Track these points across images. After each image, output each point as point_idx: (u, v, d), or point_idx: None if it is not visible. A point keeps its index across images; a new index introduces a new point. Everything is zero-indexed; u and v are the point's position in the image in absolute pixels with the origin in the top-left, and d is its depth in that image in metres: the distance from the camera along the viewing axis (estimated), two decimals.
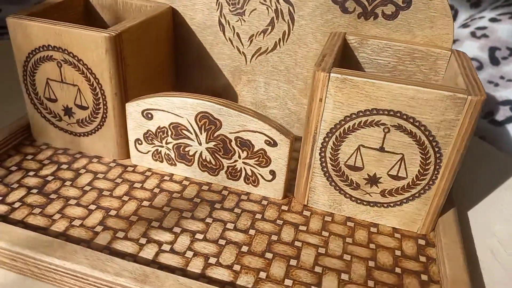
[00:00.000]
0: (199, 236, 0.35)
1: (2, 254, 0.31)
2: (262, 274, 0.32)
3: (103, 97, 0.39)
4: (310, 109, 0.34)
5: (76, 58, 0.38)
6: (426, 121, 0.31)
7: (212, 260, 0.33)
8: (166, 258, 0.32)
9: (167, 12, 0.44)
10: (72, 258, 0.30)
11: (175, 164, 0.41)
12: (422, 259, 0.34)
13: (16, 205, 0.36)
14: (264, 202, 0.39)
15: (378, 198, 0.36)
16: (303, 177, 0.38)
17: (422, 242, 0.36)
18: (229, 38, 0.46)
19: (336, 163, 0.36)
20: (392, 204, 0.36)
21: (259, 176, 0.39)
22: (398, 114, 0.32)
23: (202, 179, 0.41)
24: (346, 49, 0.40)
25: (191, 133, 0.39)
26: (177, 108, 0.38)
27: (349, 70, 0.32)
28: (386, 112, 0.32)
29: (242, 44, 0.46)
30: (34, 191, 0.38)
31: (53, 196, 0.37)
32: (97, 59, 0.37)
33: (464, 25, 0.68)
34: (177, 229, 0.35)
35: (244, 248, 0.34)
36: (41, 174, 0.40)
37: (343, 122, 0.33)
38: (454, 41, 0.60)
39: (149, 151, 0.41)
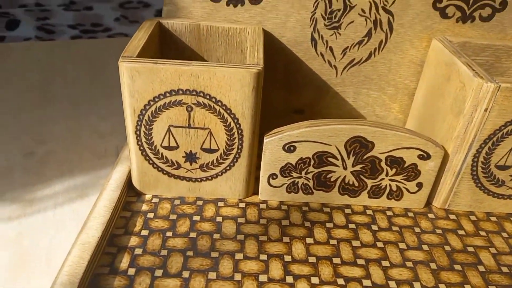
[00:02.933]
0: (385, 263, 0.34)
1: None
2: (467, 287, 0.33)
3: (240, 136, 0.36)
4: (471, 119, 0.35)
5: (213, 99, 0.34)
6: None
7: (417, 285, 0.33)
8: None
9: (263, 34, 0.41)
10: None
11: (312, 193, 0.39)
12: None
13: (185, 274, 0.32)
14: (411, 214, 0.40)
15: None
16: (448, 183, 0.39)
17: None
18: (321, 53, 0.45)
19: (487, 166, 0.37)
20: None
21: (404, 190, 0.39)
22: None
23: (340, 202, 0.40)
24: None
25: (337, 159, 0.37)
26: (327, 136, 0.36)
27: None
28: None
29: (334, 57, 0.45)
30: (190, 253, 0.34)
31: (214, 254, 0.34)
32: (240, 98, 0.34)
33: None
34: (361, 261, 0.34)
35: (432, 265, 0.34)
36: (179, 232, 0.35)
37: (502, 127, 0.35)
38: None
39: (283, 184, 0.39)
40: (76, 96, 0.59)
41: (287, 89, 0.47)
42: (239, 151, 0.37)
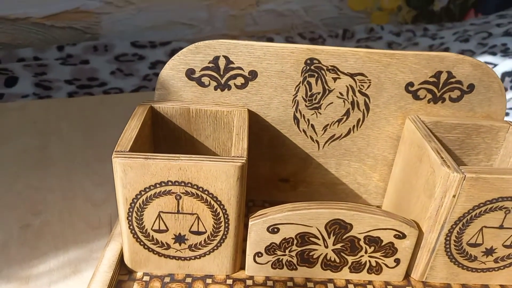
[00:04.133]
0: None
1: None
2: None
3: (226, 220, 0.38)
4: (441, 204, 0.38)
5: (200, 189, 0.36)
6: None
7: None
8: None
9: (247, 117, 0.44)
10: None
11: (296, 269, 0.41)
12: None
13: None
14: (390, 287, 0.42)
15: (491, 265, 0.41)
16: (424, 258, 0.41)
17: None
18: (303, 130, 0.48)
19: (459, 243, 0.40)
20: (502, 267, 0.42)
21: (383, 265, 0.41)
22: None
23: (323, 277, 0.42)
24: None
25: (319, 239, 0.40)
26: (308, 219, 0.38)
27: (480, 167, 0.37)
28: (510, 198, 0.37)
29: (316, 133, 0.48)
30: None
31: None
32: (226, 187, 0.36)
33: None
34: None
35: None
36: None
37: (471, 211, 0.38)
38: None
39: (269, 261, 0.41)
40: (71, 159, 0.61)
41: (273, 160, 0.50)
42: (225, 232, 0.39)
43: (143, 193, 0.36)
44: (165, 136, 0.46)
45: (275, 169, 0.51)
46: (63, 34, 1.07)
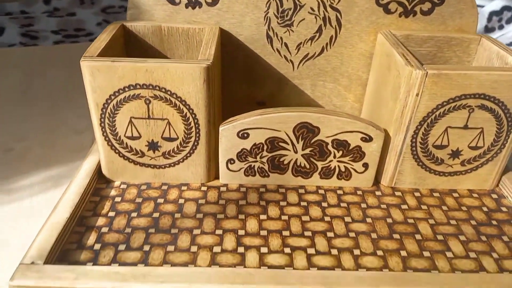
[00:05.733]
0: (330, 234, 0.38)
1: None
2: (403, 253, 0.36)
3: (196, 125, 0.39)
4: (405, 104, 0.39)
5: (168, 92, 0.37)
6: (504, 98, 0.38)
7: (356, 252, 0.36)
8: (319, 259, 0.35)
9: (218, 33, 0.45)
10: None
11: (268, 176, 0.43)
12: (504, 209, 0.42)
13: (146, 247, 0.35)
14: (359, 192, 0.43)
15: (458, 168, 0.43)
16: (392, 163, 0.42)
17: (495, 196, 0.43)
18: (277, 49, 0.48)
19: (425, 145, 0.41)
20: (469, 171, 0.43)
21: (352, 171, 0.43)
22: (482, 96, 0.38)
23: (295, 183, 0.43)
24: None
25: (288, 144, 0.41)
26: (276, 123, 0.39)
27: (442, 65, 0.37)
28: (472, 96, 0.38)
29: (290, 53, 0.48)
30: (152, 230, 0.37)
31: (174, 230, 0.37)
32: (193, 90, 0.37)
33: None
34: (308, 233, 0.38)
35: (373, 235, 0.38)
36: (144, 213, 0.39)
37: (434, 110, 0.39)
38: None
39: (241, 168, 0.42)
40: (55, 96, 0.62)
41: (248, 82, 0.51)
42: (197, 139, 0.40)
43: (112, 97, 0.37)
44: (139, 56, 0.46)
45: (251, 92, 0.52)
46: None
